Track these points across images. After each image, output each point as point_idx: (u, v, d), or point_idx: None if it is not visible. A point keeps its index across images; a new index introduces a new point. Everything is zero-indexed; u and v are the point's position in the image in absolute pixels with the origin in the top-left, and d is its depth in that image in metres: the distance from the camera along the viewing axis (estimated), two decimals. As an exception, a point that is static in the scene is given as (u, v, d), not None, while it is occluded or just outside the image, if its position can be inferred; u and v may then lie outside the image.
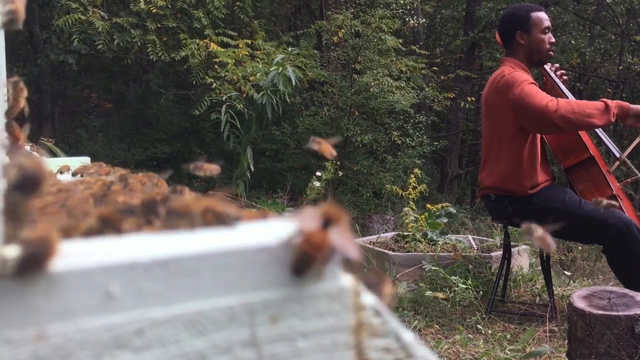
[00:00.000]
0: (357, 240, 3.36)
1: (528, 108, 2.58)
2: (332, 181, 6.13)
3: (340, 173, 6.25)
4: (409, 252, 3.81)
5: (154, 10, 6.61)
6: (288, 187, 6.68)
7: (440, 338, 2.64)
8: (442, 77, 9.08)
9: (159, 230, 0.40)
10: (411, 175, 5.07)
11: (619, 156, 2.81)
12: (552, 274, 3.10)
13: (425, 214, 4.41)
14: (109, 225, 0.40)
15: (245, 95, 5.74)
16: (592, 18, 9.85)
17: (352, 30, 7.39)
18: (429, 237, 4.01)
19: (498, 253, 3.52)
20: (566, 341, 2.24)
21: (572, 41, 8.59)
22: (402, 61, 7.67)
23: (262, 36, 7.10)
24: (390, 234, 4.37)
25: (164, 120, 9.48)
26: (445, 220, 4.52)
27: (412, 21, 8.38)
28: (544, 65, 2.90)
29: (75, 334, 0.32)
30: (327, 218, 0.39)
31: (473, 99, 9.17)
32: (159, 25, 6.86)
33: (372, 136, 7.37)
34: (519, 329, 2.79)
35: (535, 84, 2.67)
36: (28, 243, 0.32)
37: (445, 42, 11.36)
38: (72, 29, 6.55)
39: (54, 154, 3.13)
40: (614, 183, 2.79)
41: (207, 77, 6.54)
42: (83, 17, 6.46)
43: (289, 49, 6.39)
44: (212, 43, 6.58)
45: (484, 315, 2.90)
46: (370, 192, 7.31)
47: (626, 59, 9.53)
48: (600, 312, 2.04)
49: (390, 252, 3.75)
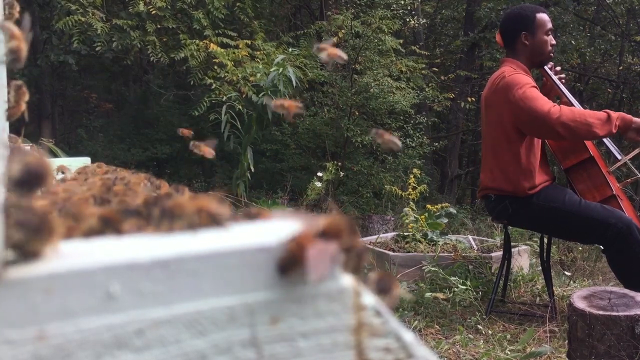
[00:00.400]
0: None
1: (529, 112, 2.57)
2: (333, 181, 6.13)
3: (341, 173, 6.25)
4: (409, 252, 3.81)
5: (153, 12, 6.61)
6: (288, 188, 6.67)
7: (440, 338, 2.64)
8: (442, 77, 9.08)
9: (152, 231, 0.40)
10: (411, 176, 5.07)
11: (620, 158, 2.81)
12: (552, 274, 3.10)
13: (425, 214, 4.41)
14: (109, 225, 0.40)
15: (244, 96, 5.74)
16: (592, 18, 9.85)
17: (353, 31, 7.39)
18: (429, 237, 4.01)
19: (498, 253, 3.51)
20: (566, 341, 2.24)
21: (572, 41, 8.59)
22: (402, 61, 7.67)
23: (261, 37, 7.09)
24: (390, 234, 4.37)
25: (164, 120, 9.47)
26: (445, 220, 4.52)
27: (412, 21, 8.37)
28: (545, 66, 2.90)
29: (76, 334, 0.32)
30: (327, 230, 0.38)
31: (473, 99, 9.16)
32: (158, 26, 6.85)
33: (372, 136, 7.36)
34: (519, 330, 2.79)
35: (536, 88, 2.66)
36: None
37: (446, 43, 11.36)
38: (72, 30, 6.54)
39: (54, 154, 3.13)
40: (614, 183, 2.79)
41: (207, 77, 6.53)
42: (83, 19, 6.46)
43: (289, 49, 6.39)
44: (211, 44, 6.57)
45: (484, 316, 2.90)
46: (370, 192, 7.31)
47: (626, 59, 9.53)
48: (601, 312, 2.04)
49: (391, 253, 3.75)
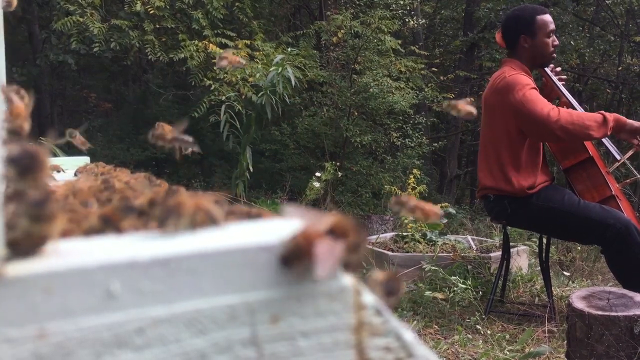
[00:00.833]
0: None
1: (529, 115, 2.59)
2: (332, 181, 6.13)
3: (340, 174, 6.25)
4: (408, 252, 3.81)
5: (151, 12, 6.60)
6: (287, 188, 6.67)
7: (439, 338, 2.64)
8: (441, 77, 9.08)
9: (153, 230, 0.40)
10: (410, 176, 5.07)
11: (620, 158, 2.81)
12: (551, 274, 3.10)
13: (425, 214, 4.40)
14: (109, 224, 0.40)
15: (244, 97, 5.74)
16: (592, 19, 9.86)
17: (352, 31, 7.38)
18: (428, 237, 4.02)
19: (497, 253, 3.51)
20: (565, 342, 2.24)
21: (572, 42, 8.59)
22: (401, 62, 7.67)
23: (261, 37, 7.09)
24: (389, 234, 4.37)
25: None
26: (444, 220, 4.52)
27: (411, 21, 8.37)
28: (546, 67, 2.90)
29: (76, 333, 0.32)
30: (335, 228, 0.38)
31: (472, 99, 9.13)
32: (157, 26, 6.84)
33: (371, 137, 7.36)
34: (518, 330, 2.79)
35: (536, 89, 2.67)
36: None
37: (445, 43, 11.35)
38: (70, 31, 6.54)
39: (54, 154, 3.13)
40: (613, 184, 2.79)
41: (206, 78, 6.53)
42: (81, 19, 6.45)
43: (288, 49, 6.39)
44: (211, 44, 6.57)
45: (483, 316, 2.90)
46: (369, 192, 7.31)
47: (625, 59, 9.53)
48: (600, 312, 2.04)
49: (390, 253, 3.75)
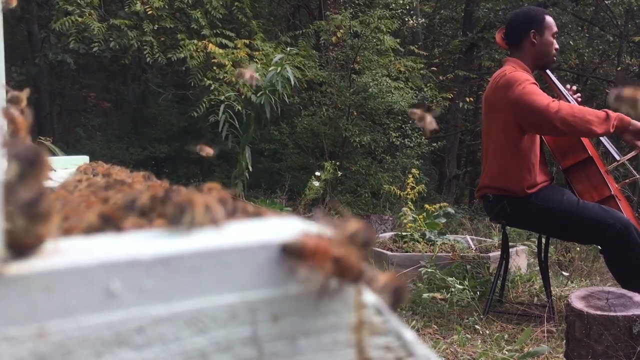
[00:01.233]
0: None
1: (528, 107, 2.58)
2: (331, 181, 6.13)
3: (339, 173, 6.25)
4: (407, 252, 3.81)
5: (150, 12, 6.59)
6: (286, 187, 6.67)
7: (438, 338, 2.64)
8: (440, 77, 9.08)
9: (161, 228, 0.39)
10: (409, 176, 5.07)
11: (619, 158, 2.82)
12: (550, 274, 3.10)
13: (424, 214, 4.41)
14: (109, 222, 0.40)
15: (243, 96, 5.73)
16: (591, 19, 9.87)
17: (351, 31, 7.39)
18: (427, 237, 4.02)
19: (496, 253, 3.51)
20: (564, 341, 2.24)
21: (571, 42, 8.60)
22: (400, 61, 7.68)
23: (260, 37, 7.09)
24: (388, 234, 4.37)
25: (162, 119, 9.47)
26: (443, 220, 4.52)
27: (411, 21, 8.38)
28: (547, 70, 2.91)
29: (76, 332, 0.32)
30: (344, 260, 0.36)
31: (472, 99, 9.17)
32: (156, 26, 6.84)
33: (370, 136, 7.37)
34: (517, 329, 2.79)
35: (536, 84, 2.67)
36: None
37: (444, 43, 11.36)
38: (69, 31, 6.53)
39: (53, 153, 3.13)
40: (612, 184, 2.79)
41: (206, 78, 6.53)
42: (80, 19, 6.44)
43: (287, 49, 6.39)
44: (210, 44, 6.57)
45: (482, 316, 2.90)
46: (368, 192, 7.31)
47: (624, 59, 9.55)
48: (598, 312, 2.04)
49: (389, 252, 3.75)
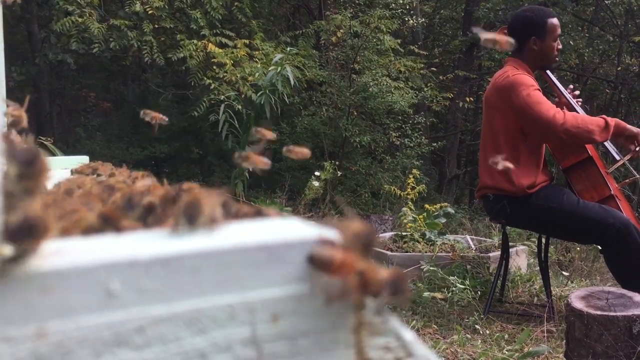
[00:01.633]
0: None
1: (535, 118, 2.60)
2: (331, 181, 6.13)
3: (339, 173, 6.25)
4: (407, 252, 3.81)
5: (150, 12, 6.59)
6: (286, 187, 6.67)
7: (438, 338, 2.64)
8: (440, 77, 9.08)
9: (170, 228, 0.39)
10: (409, 176, 5.07)
11: (619, 158, 2.82)
12: (550, 274, 3.10)
13: (424, 214, 4.41)
14: (109, 222, 0.40)
15: (243, 96, 5.73)
16: (591, 19, 9.86)
17: (351, 31, 7.38)
18: (427, 237, 4.02)
19: (496, 253, 3.51)
20: (564, 341, 2.24)
21: (571, 42, 8.59)
22: (400, 61, 7.67)
23: (260, 36, 7.09)
24: (388, 234, 4.37)
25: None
26: (443, 220, 4.52)
27: (411, 21, 8.37)
28: (547, 70, 2.91)
29: (75, 332, 0.32)
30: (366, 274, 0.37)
31: (472, 99, 9.17)
32: (156, 26, 6.83)
33: (370, 136, 7.37)
34: (517, 329, 2.79)
35: (540, 90, 2.68)
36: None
37: (444, 42, 11.35)
38: (70, 31, 6.53)
39: (53, 153, 3.13)
40: (612, 183, 2.79)
41: (206, 78, 6.52)
42: (80, 19, 6.44)
43: (287, 48, 6.39)
44: (210, 44, 6.56)
45: (482, 316, 2.90)
46: (368, 192, 7.31)
47: (624, 59, 9.55)
48: (598, 312, 2.04)
49: (389, 252, 3.75)
